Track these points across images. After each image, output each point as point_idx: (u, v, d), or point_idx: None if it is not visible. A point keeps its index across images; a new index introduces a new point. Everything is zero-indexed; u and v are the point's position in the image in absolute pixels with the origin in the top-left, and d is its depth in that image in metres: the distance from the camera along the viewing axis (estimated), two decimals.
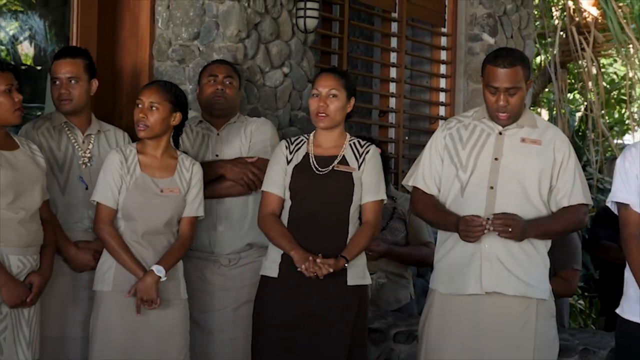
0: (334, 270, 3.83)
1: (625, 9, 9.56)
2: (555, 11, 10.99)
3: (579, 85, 10.38)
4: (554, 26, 10.31)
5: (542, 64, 10.67)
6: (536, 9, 9.80)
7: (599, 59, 10.50)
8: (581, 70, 10.02)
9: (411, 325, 4.72)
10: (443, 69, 7.04)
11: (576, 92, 11.27)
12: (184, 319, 4.05)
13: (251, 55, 4.95)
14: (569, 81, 10.61)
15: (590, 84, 9.98)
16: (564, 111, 9.99)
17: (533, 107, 10.41)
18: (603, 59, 11.63)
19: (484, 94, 3.90)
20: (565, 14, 10.14)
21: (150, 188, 3.97)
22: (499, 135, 3.92)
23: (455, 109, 6.96)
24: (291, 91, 5.25)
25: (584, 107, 10.67)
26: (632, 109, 10.99)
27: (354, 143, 4.05)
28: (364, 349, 4.07)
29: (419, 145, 6.59)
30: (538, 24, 9.96)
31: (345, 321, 3.93)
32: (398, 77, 6.63)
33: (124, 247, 3.92)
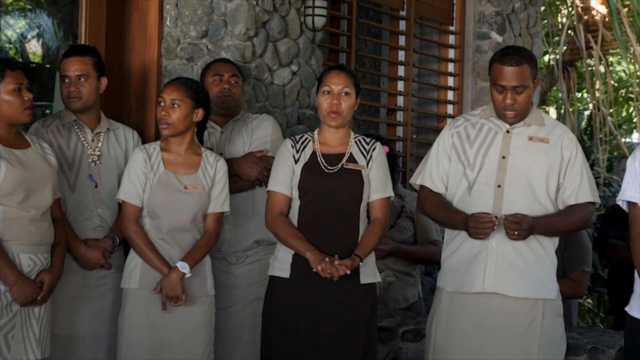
0: (350, 272, 3.81)
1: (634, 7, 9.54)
2: (563, 9, 10.98)
3: (587, 83, 10.36)
4: (562, 24, 10.30)
5: (550, 62, 10.66)
6: (548, 7, 9.79)
7: (607, 57, 10.48)
8: (589, 69, 10.01)
9: (419, 324, 4.72)
10: (451, 67, 7.04)
11: (585, 91, 11.25)
12: (209, 316, 4.06)
13: (259, 54, 4.95)
14: (576, 79, 10.60)
15: (598, 82, 9.97)
16: (572, 109, 9.98)
17: (541, 106, 10.40)
18: (611, 57, 11.61)
19: (491, 93, 3.90)
20: (573, 12, 10.13)
21: (173, 185, 3.98)
22: (506, 134, 3.92)
23: (463, 107, 6.96)
24: (299, 89, 5.25)
25: (592, 105, 10.65)
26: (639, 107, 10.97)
27: (359, 140, 4.04)
28: (375, 347, 4.07)
29: (427, 143, 6.59)
30: (546, 22, 9.95)
31: (360, 320, 3.93)
32: (406, 76, 6.63)
33: (150, 245, 3.94)
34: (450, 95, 7.05)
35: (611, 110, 10.61)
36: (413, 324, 4.77)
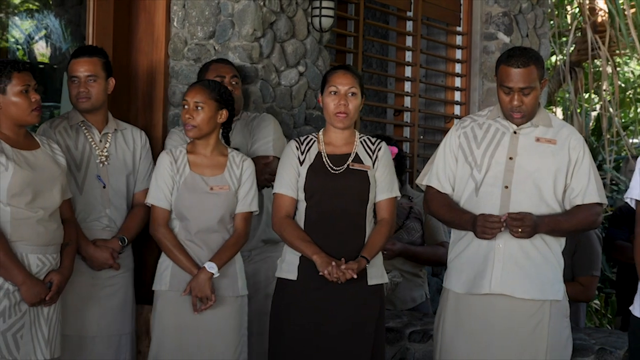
0: (357, 274, 3.81)
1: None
2: (570, 10, 10.96)
3: (595, 84, 10.34)
4: (569, 25, 10.28)
5: (557, 63, 10.65)
6: (555, 8, 9.77)
7: (614, 58, 10.45)
8: (596, 70, 9.99)
9: (426, 325, 4.71)
10: (458, 67, 7.03)
11: (592, 92, 11.22)
12: (239, 315, 4.06)
13: (267, 54, 4.95)
14: (584, 80, 10.58)
15: (605, 83, 9.95)
16: (580, 110, 9.97)
17: (548, 107, 10.38)
18: (618, 58, 11.58)
19: (498, 94, 3.90)
20: (581, 12, 10.11)
21: (199, 187, 4.00)
22: (513, 135, 3.91)
23: (470, 108, 6.95)
24: (306, 90, 5.25)
25: (599, 106, 10.63)
26: None
27: (364, 140, 4.02)
28: (383, 348, 4.06)
29: (434, 144, 6.58)
30: (553, 22, 9.93)
31: (368, 320, 3.92)
32: (413, 76, 6.63)
33: (179, 247, 3.96)
34: (457, 96, 7.05)
35: (618, 111, 10.57)
36: (420, 325, 4.76)
